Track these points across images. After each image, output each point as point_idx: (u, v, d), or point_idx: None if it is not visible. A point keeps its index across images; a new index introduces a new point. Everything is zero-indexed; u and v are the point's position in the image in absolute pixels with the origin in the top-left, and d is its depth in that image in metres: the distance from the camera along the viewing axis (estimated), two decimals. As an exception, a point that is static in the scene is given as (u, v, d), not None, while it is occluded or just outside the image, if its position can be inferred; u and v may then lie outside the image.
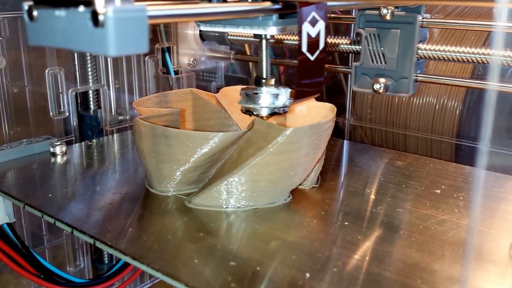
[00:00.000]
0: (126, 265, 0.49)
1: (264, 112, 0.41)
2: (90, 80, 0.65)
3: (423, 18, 0.53)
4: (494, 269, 0.33)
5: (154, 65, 0.70)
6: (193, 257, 0.34)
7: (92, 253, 0.69)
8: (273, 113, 0.41)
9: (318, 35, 0.36)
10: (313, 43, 0.36)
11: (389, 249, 0.35)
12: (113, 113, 0.67)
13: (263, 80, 0.41)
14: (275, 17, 0.36)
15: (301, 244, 0.36)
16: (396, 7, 0.53)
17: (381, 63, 0.55)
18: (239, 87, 0.54)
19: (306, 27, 0.35)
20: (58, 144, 0.54)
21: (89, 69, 0.65)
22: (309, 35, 0.36)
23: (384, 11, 0.53)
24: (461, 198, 0.44)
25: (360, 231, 0.38)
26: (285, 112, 0.42)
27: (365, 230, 0.38)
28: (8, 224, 0.48)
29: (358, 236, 0.37)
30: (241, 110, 0.42)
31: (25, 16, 0.28)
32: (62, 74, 0.61)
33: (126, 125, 0.68)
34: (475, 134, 0.59)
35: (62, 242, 0.65)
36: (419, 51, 0.53)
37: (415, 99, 0.63)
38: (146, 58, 0.69)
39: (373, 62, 0.56)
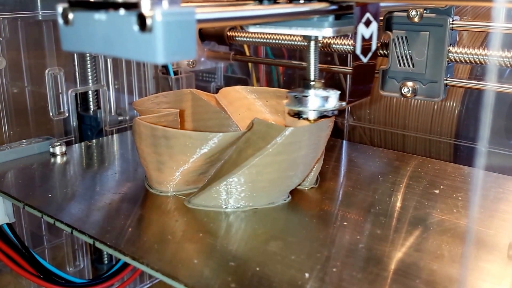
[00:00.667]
0: (125, 265, 0.50)
1: (312, 115, 0.38)
2: (90, 81, 0.65)
3: (453, 21, 0.51)
4: (492, 269, 0.33)
5: (153, 66, 0.70)
6: (192, 257, 0.34)
7: (92, 253, 0.69)
8: (322, 116, 0.39)
9: (371, 36, 0.35)
10: (366, 45, 0.35)
11: (388, 249, 0.35)
12: (112, 114, 0.67)
13: (312, 83, 0.39)
14: (331, 18, 0.34)
15: (300, 244, 0.36)
16: (425, 9, 0.51)
17: (409, 66, 0.54)
18: (238, 88, 0.54)
19: (361, 29, 0.34)
20: (58, 145, 0.54)
21: (89, 70, 0.65)
22: (363, 37, 0.34)
23: (413, 13, 0.51)
24: (459, 198, 0.44)
25: (358, 231, 0.38)
26: (334, 115, 0.39)
27: (363, 230, 0.38)
28: (8, 224, 0.48)
29: (357, 236, 0.37)
30: (288, 113, 0.39)
31: (59, 19, 0.26)
32: (62, 74, 0.61)
33: (126, 125, 0.68)
34: (474, 134, 0.59)
35: (61, 243, 0.65)
36: (449, 54, 0.52)
37: (414, 100, 0.63)
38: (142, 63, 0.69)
39: (400, 65, 0.54)
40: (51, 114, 0.61)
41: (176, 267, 0.33)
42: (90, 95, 0.67)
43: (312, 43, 0.38)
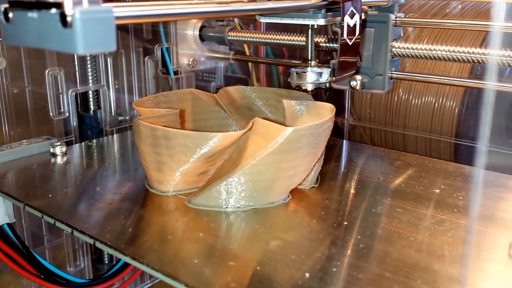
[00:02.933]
0: (126, 265, 0.50)
1: (310, 87, 0.48)
2: (90, 81, 0.65)
3: (396, 17, 0.55)
4: (493, 268, 0.33)
5: (153, 66, 0.70)
6: (192, 257, 0.34)
7: (92, 253, 0.69)
8: (317, 88, 0.49)
9: (355, 25, 0.45)
10: (351, 31, 0.45)
11: (388, 249, 0.35)
12: (113, 114, 0.67)
13: (309, 61, 0.49)
14: (323, 11, 0.44)
15: (300, 244, 0.36)
16: (370, 7, 0.55)
17: (359, 61, 0.57)
18: (238, 87, 0.54)
19: (347, 19, 0.44)
20: (58, 145, 0.54)
21: (89, 70, 0.65)
22: (348, 25, 0.45)
23: None
24: (460, 197, 0.44)
25: (359, 231, 0.38)
26: (326, 88, 0.50)
27: (364, 230, 0.38)
28: (8, 224, 0.48)
29: (358, 236, 0.37)
30: (292, 85, 0.49)
31: (2, 18, 0.29)
32: (62, 74, 0.61)
33: (126, 125, 0.68)
34: (474, 133, 0.59)
35: (62, 242, 0.65)
36: (393, 49, 0.55)
37: (414, 99, 0.63)
38: (146, 58, 0.69)
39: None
40: (51, 114, 0.61)
41: (176, 267, 0.33)
42: (90, 95, 0.67)
43: (310, 31, 0.48)
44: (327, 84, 0.49)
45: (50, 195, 0.44)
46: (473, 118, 0.59)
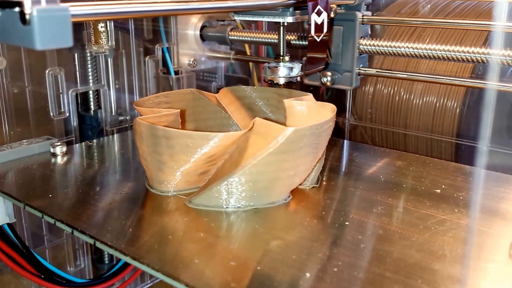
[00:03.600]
0: (126, 265, 0.50)
1: (282, 81, 0.52)
2: (91, 81, 0.65)
3: (363, 16, 0.57)
4: (494, 268, 0.33)
5: (154, 65, 0.70)
6: (193, 257, 0.34)
7: (93, 253, 0.69)
8: (289, 82, 0.53)
9: (322, 22, 0.48)
10: (319, 28, 0.48)
11: (389, 249, 0.35)
12: (113, 114, 0.67)
13: (281, 57, 0.53)
14: (292, 9, 0.48)
15: (301, 244, 0.36)
16: (339, 6, 0.57)
17: (327, 57, 0.59)
18: (239, 87, 0.54)
19: (314, 17, 0.47)
20: (59, 145, 0.54)
21: (89, 70, 0.65)
22: (316, 23, 0.47)
23: None
24: (461, 197, 0.43)
25: (360, 231, 0.38)
26: (297, 82, 0.54)
27: (365, 230, 0.38)
28: (8, 224, 0.48)
29: (359, 236, 0.37)
30: (264, 80, 0.53)
31: None
32: (62, 74, 0.61)
33: (127, 125, 0.68)
34: (475, 133, 0.59)
35: (62, 242, 0.65)
36: (360, 46, 0.58)
37: (415, 99, 0.63)
38: (147, 58, 0.69)
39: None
40: (51, 114, 0.61)
41: (177, 267, 0.33)
42: (91, 95, 0.67)
43: (281, 28, 0.52)
44: (298, 78, 0.53)
45: (50, 195, 0.44)
46: (474, 118, 0.59)
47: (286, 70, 0.52)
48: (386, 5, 0.68)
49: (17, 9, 0.28)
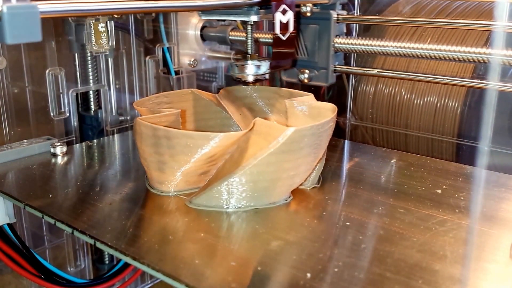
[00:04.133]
0: (126, 265, 0.50)
1: (250, 78, 0.53)
2: (91, 81, 0.65)
3: (338, 15, 0.59)
4: (495, 269, 0.33)
5: (154, 65, 0.70)
6: (193, 257, 0.34)
7: (93, 253, 0.68)
8: (257, 80, 0.53)
9: (288, 21, 0.48)
10: (284, 27, 0.48)
11: (390, 249, 0.35)
12: (113, 114, 0.67)
13: (249, 55, 0.53)
14: (256, 8, 0.49)
15: (302, 245, 0.36)
16: (315, 5, 0.59)
17: (304, 55, 0.62)
18: (239, 87, 0.54)
19: (278, 16, 0.47)
20: (59, 145, 0.54)
21: (90, 70, 0.65)
22: (281, 22, 0.47)
23: (304, 8, 0.58)
24: (462, 198, 0.43)
25: (361, 231, 0.38)
26: (265, 79, 0.54)
27: (366, 230, 0.38)
28: (8, 224, 0.48)
29: (359, 236, 0.37)
30: (232, 78, 0.54)
31: None
32: (62, 74, 0.61)
33: (127, 125, 0.68)
34: (476, 133, 0.59)
35: (62, 243, 0.65)
36: (335, 44, 0.60)
37: (416, 99, 0.62)
38: (147, 58, 0.69)
39: (298, 54, 0.62)
40: (51, 114, 0.61)
41: (177, 267, 0.33)
42: (91, 95, 0.67)
43: (249, 27, 0.53)
44: (267, 76, 0.54)
45: (50, 195, 0.44)
46: (475, 118, 0.59)
47: (254, 68, 0.52)
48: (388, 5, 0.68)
49: None
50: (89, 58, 0.64)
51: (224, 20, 0.72)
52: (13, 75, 0.58)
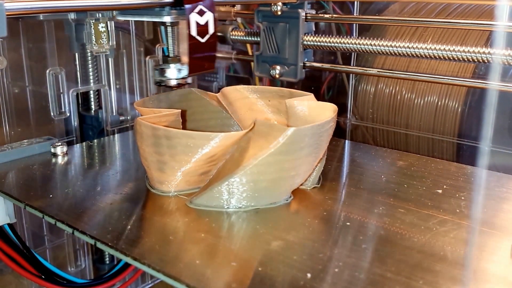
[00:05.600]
0: (127, 265, 0.49)
1: (172, 83, 0.51)
2: (91, 80, 0.65)
3: (307, 14, 0.62)
4: (495, 269, 0.33)
5: (155, 65, 0.70)
6: (194, 257, 0.34)
7: (93, 253, 0.68)
8: (180, 84, 0.52)
9: (207, 23, 0.47)
10: (202, 29, 0.47)
11: (390, 250, 0.35)
12: (114, 114, 0.67)
13: (169, 58, 0.52)
14: (167, 8, 0.47)
15: (302, 245, 0.36)
16: (285, 4, 0.61)
17: (275, 52, 0.65)
18: (240, 87, 0.54)
19: (195, 17, 0.46)
20: (59, 145, 0.54)
21: (90, 70, 0.65)
22: (198, 23, 0.46)
23: (275, 8, 0.61)
24: (462, 198, 0.43)
25: (361, 231, 0.38)
26: (188, 84, 0.52)
27: (366, 230, 0.38)
28: (9, 224, 0.48)
29: (360, 236, 0.37)
30: (154, 82, 0.53)
31: None
32: (63, 74, 0.61)
33: (127, 125, 0.68)
34: (477, 133, 0.59)
35: (63, 243, 0.65)
36: (304, 42, 0.62)
37: (416, 99, 0.62)
38: (147, 58, 0.69)
39: (269, 51, 0.65)
40: (52, 114, 0.61)
41: (177, 268, 0.33)
42: (92, 95, 0.67)
43: (167, 28, 0.51)
44: (189, 80, 0.52)
45: (51, 195, 0.44)
46: (476, 118, 0.59)
47: (176, 71, 0.51)
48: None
49: None
50: (89, 58, 0.64)
51: (225, 20, 0.72)
52: (14, 75, 0.58)
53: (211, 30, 0.47)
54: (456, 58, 0.52)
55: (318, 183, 0.46)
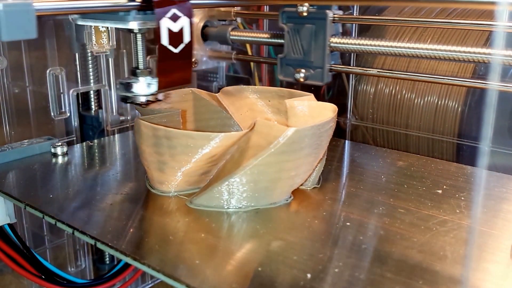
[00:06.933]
0: (127, 265, 0.50)
1: (140, 99, 0.43)
2: (91, 80, 0.65)
3: (334, 15, 0.59)
4: (495, 269, 0.33)
5: (155, 65, 0.70)
6: (194, 258, 0.34)
7: (94, 253, 0.68)
8: (149, 101, 0.44)
9: (181, 30, 0.39)
10: (175, 37, 0.39)
11: (390, 250, 0.35)
12: (114, 114, 0.67)
13: (138, 71, 0.44)
14: (133, 13, 0.40)
15: (302, 245, 0.36)
16: (312, 5, 0.58)
17: (300, 54, 0.62)
18: (240, 87, 0.54)
19: (167, 23, 0.38)
20: (59, 145, 0.54)
21: (90, 69, 0.65)
22: (170, 30, 0.39)
23: (301, 8, 0.58)
24: (462, 198, 0.43)
25: (361, 232, 0.38)
26: (158, 100, 0.45)
27: (366, 230, 0.38)
28: (9, 224, 0.48)
29: (360, 236, 0.37)
30: (120, 99, 0.45)
31: None
32: (63, 74, 0.61)
33: (127, 125, 0.68)
34: (477, 134, 0.59)
35: (63, 243, 0.65)
36: (331, 44, 0.59)
37: (416, 99, 0.62)
38: (147, 58, 0.69)
39: (294, 54, 0.62)
40: (52, 114, 0.61)
41: (177, 268, 0.33)
42: (92, 95, 0.67)
43: (139, 35, 0.43)
44: (160, 96, 0.45)
45: (51, 196, 0.44)
46: (476, 118, 0.59)
47: (144, 86, 0.43)
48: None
49: None
50: (89, 58, 0.64)
51: (225, 20, 0.72)
52: (14, 75, 0.58)
53: (186, 38, 0.40)
54: (456, 58, 0.51)
55: (318, 183, 0.46)
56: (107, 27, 0.62)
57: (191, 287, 0.31)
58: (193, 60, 0.42)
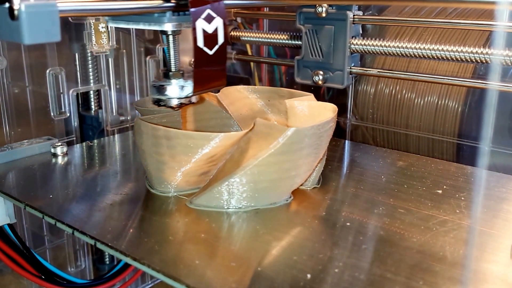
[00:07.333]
0: (127, 265, 0.49)
1: (173, 102, 0.43)
2: (91, 80, 0.65)
3: (354, 15, 0.57)
4: (495, 270, 0.33)
5: (155, 65, 0.70)
6: (194, 258, 0.34)
7: (93, 253, 0.68)
8: (182, 104, 0.43)
9: (216, 30, 0.38)
10: (210, 38, 0.38)
11: (390, 250, 0.35)
12: (114, 114, 0.67)
13: (171, 73, 0.43)
14: (168, 14, 0.39)
15: (302, 245, 0.36)
16: (331, 6, 0.57)
17: (318, 56, 0.60)
18: (240, 87, 0.54)
19: (201, 24, 0.37)
20: (59, 145, 0.54)
21: (90, 69, 0.65)
22: (205, 31, 0.38)
23: (319, 9, 0.57)
24: (462, 198, 0.43)
25: (361, 232, 0.38)
26: (192, 103, 0.44)
27: (366, 230, 0.38)
28: (9, 225, 0.48)
29: (360, 236, 0.37)
30: (152, 102, 0.44)
31: None
32: (63, 74, 0.61)
33: (127, 125, 0.68)
34: (477, 134, 0.59)
35: (63, 243, 0.65)
36: (351, 45, 0.58)
37: (416, 99, 0.62)
38: (147, 58, 0.69)
39: (312, 56, 0.61)
40: (52, 114, 0.61)
41: (177, 268, 0.33)
42: (92, 95, 0.67)
43: (171, 37, 0.43)
44: (193, 99, 0.44)
45: (51, 196, 0.44)
46: (476, 118, 0.59)
47: (178, 89, 0.42)
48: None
49: (6, 4, 0.29)
50: (89, 58, 0.64)
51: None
52: (14, 75, 0.58)
53: (220, 39, 0.39)
54: (456, 58, 0.51)
55: (318, 183, 0.46)
56: (107, 27, 0.62)
57: (191, 287, 0.31)
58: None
